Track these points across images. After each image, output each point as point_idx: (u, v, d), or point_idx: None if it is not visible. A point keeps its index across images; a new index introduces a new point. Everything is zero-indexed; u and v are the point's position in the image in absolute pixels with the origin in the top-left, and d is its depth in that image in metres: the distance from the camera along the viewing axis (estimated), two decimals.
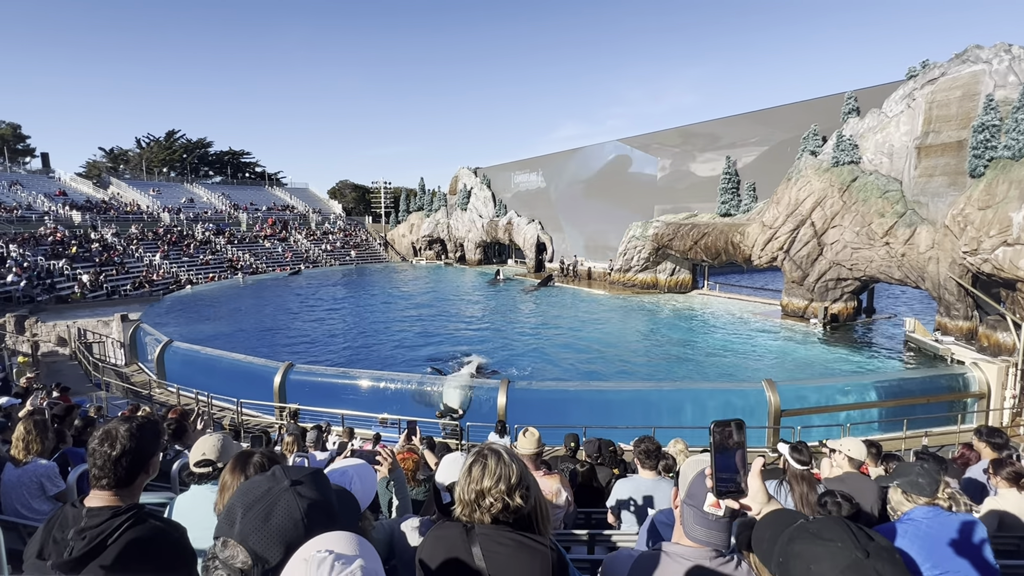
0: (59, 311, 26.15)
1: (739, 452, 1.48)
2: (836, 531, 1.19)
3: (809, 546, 1.19)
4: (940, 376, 13.74)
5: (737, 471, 1.48)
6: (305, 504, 1.25)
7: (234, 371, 15.11)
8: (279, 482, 1.28)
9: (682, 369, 18.26)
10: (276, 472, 1.33)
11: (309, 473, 1.36)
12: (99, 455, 1.87)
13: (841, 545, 1.15)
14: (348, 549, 1.15)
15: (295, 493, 1.25)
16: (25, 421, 4.13)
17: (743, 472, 1.48)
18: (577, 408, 12.56)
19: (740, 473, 1.48)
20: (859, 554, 1.13)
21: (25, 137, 66.32)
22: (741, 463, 1.48)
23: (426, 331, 24.57)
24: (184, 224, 48.34)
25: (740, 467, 1.48)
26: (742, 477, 1.48)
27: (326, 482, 1.39)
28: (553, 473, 4.54)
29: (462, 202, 52.75)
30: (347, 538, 1.20)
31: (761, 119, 28.49)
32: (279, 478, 1.30)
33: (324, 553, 1.08)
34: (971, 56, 18.68)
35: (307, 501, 1.25)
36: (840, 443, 4.33)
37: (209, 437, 3.07)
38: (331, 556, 1.07)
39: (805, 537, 1.22)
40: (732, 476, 1.48)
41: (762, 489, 1.48)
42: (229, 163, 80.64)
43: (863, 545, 1.15)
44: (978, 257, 16.51)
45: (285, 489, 1.26)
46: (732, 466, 1.48)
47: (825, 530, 1.21)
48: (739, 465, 1.48)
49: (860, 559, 1.12)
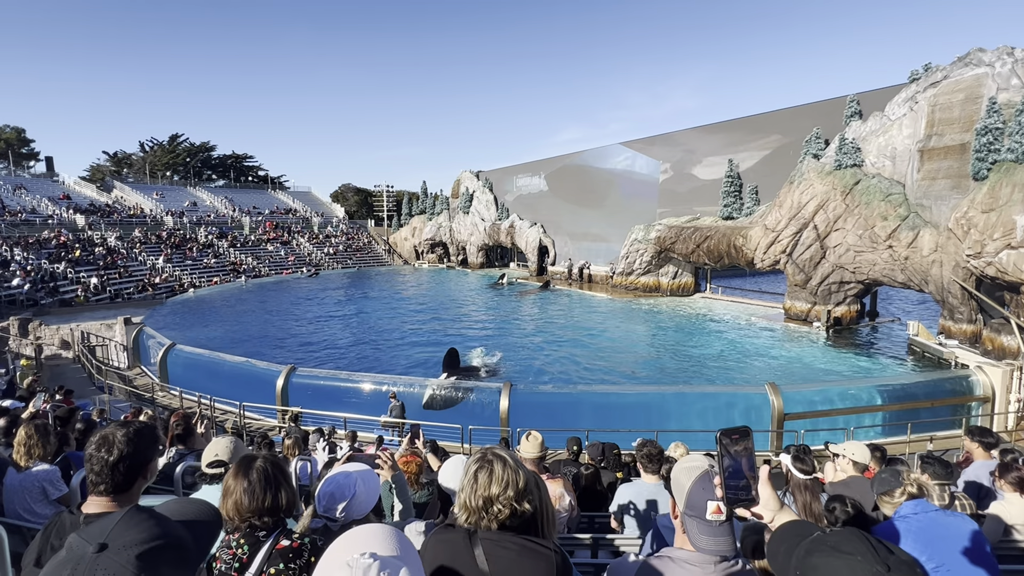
0: (62, 314, 26.23)
1: (746, 459, 1.47)
2: (855, 544, 1.16)
3: (828, 559, 1.16)
4: (944, 380, 13.67)
5: (746, 479, 1.47)
6: (131, 557, 1.03)
7: (237, 374, 15.11)
8: (81, 555, 1.04)
9: (685, 372, 18.21)
10: (72, 543, 1.08)
11: (118, 522, 1.12)
12: (97, 461, 1.86)
13: (861, 559, 1.12)
14: (389, 549, 1.11)
15: (111, 555, 1.03)
16: (26, 426, 4.11)
17: (753, 480, 1.47)
18: (580, 411, 12.52)
19: (750, 481, 1.47)
20: (880, 568, 1.10)
21: (29, 141, 66.65)
22: (749, 470, 1.47)
23: (429, 334, 24.55)
24: (187, 228, 48.49)
25: (749, 474, 1.47)
26: (752, 485, 1.47)
27: (150, 518, 1.17)
28: (556, 477, 4.53)
29: (464, 205, 52.81)
30: (386, 534, 1.16)
31: (763, 122, 28.47)
32: (78, 550, 1.05)
33: (368, 559, 1.04)
34: (974, 59, 18.66)
35: (132, 553, 1.04)
36: (843, 447, 4.33)
37: (222, 439, 3.10)
38: (376, 563, 1.03)
39: (824, 550, 1.19)
40: (742, 484, 1.47)
41: (773, 496, 1.47)
42: (232, 167, 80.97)
43: (883, 559, 1.12)
44: (982, 260, 16.45)
45: (92, 559, 1.02)
46: (741, 474, 1.47)
47: (844, 543, 1.18)
48: (747, 473, 1.47)
49: (881, 573, 1.09)
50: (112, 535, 1.07)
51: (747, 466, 1.47)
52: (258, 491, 2.02)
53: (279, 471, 2.13)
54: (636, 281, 33.81)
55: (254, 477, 2.05)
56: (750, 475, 1.47)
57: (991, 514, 3.96)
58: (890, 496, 2.92)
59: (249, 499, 2.00)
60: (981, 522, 3.84)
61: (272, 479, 2.07)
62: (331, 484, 2.27)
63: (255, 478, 2.05)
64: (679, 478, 1.68)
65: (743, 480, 1.46)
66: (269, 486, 2.05)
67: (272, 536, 1.95)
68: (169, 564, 1.09)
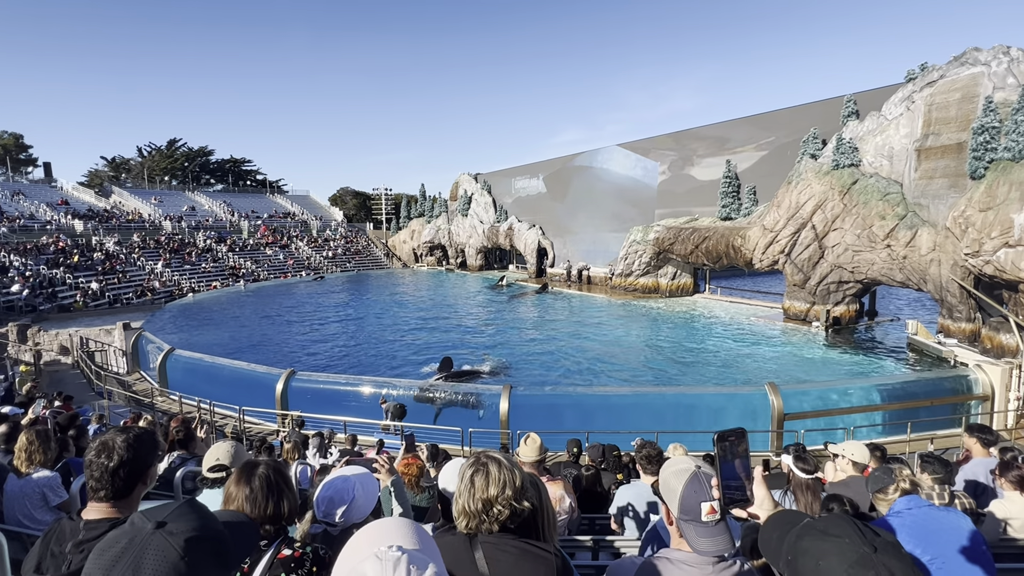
0: (61, 320, 26.20)
1: (740, 461, 1.50)
2: (843, 527, 1.21)
3: (817, 542, 1.21)
4: (944, 379, 13.68)
5: (741, 479, 1.49)
6: (180, 542, 1.11)
7: (236, 379, 15.09)
8: (141, 528, 1.14)
9: (684, 373, 18.21)
10: (135, 519, 1.18)
11: (176, 508, 1.22)
12: (96, 467, 1.85)
13: (848, 541, 1.17)
14: (414, 543, 1.11)
15: (164, 535, 1.12)
16: (27, 432, 4.10)
17: (747, 480, 1.49)
18: (580, 413, 12.50)
19: (745, 481, 1.49)
20: (866, 548, 1.14)
21: (27, 147, 66.70)
22: (744, 471, 1.49)
23: (428, 337, 24.54)
24: (185, 232, 48.47)
25: (744, 475, 1.49)
26: (747, 485, 1.49)
27: (202, 511, 1.25)
28: (556, 479, 4.52)
29: (463, 208, 52.84)
30: (410, 528, 1.16)
31: (761, 123, 28.54)
32: (139, 524, 1.15)
33: (396, 551, 1.04)
34: (969, 58, 18.72)
35: (182, 537, 1.12)
36: (843, 447, 4.34)
37: (223, 443, 3.09)
38: (405, 556, 1.03)
39: (812, 534, 1.24)
40: (738, 485, 1.49)
41: (768, 496, 1.50)
42: (230, 171, 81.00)
43: (870, 540, 1.16)
44: (980, 259, 16.48)
45: (150, 533, 1.12)
46: (736, 475, 1.49)
47: (832, 526, 1.23)
48: (742, 473, 1.49)
49: (868, 553, 1.13)
50: (170, 516, 1.17)
51: (742, 467, 1.49)
52: (260, 499, 1.99)
53: (282, 478, 2.10)
54: (635, 282, 33.82)
55: (256, 484, 2.02)
56: (745, 475, 1.49)
57: (991, 512, 3.96)
58: (884, 493, 2.97)
59: (251, 507, 1.97)
60: (981, 520, 3.84)
61: (275, 486, 2.04)
62: (330, 489, 2.25)
63: (257, 485, 2.01)
64: (669, 482, 1.66)
65: (738, 481, 1.49)
66: (271, 494, 2.01)
67: (273, 545, 1.91)
68: (211, 556, 1.15)
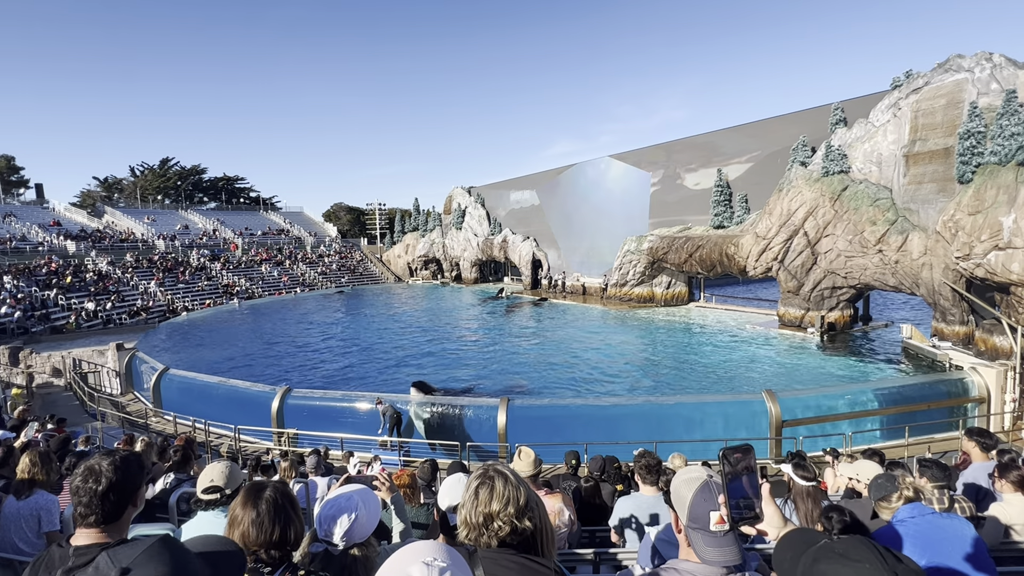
0: (54, 341, 25.96)
1: (747, 477, 1.48)
2: (863, 552, 1.15)
3: (835, 567, 1.15)
4: (939, 382, 13.73)
5: (750, 496, 1.47)
6: None
7: (231, 397, 14.97)
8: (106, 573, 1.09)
9: (682, 382, 18.19)
10: (100, 563, 1.13)
11: (145, 550, 1.16)
12: (85, 492, 1.79)
13: (869, 567, 1.11)
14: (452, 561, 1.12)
15: None
16: (30, 452, 4.10)
17: (756, 497, 1.47)
18: (578, 424, 12.46)
19: (753, 498, 1.47)
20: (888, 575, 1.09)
21: (19, 168, 66.61)
22: (751, 487, 1.48)
23: (425, 351, 24.45)
24: (179, 251, 48.32)
25: (751, 492, 1.47)
26: (756, 502, 1.47)
27: (175, 551, 1.20)
28: (555, 492, 4.49)
29: (457, 221, 52.96)
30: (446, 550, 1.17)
31: (750, 132, 28.85)
32: (103, 570, 1.10)
33: (442, 563, 1.04)
34: (953, 65, 19.04)
35: None
36: (856, 469, 4.21)
37: (217, 464, 3.06)
38: (449, 570, 1.03)
39: (831, 557, 1.18)
40: (746, 502, 1.47)
41: (777, 513, 1.48)
42: (223, 189, 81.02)
43: (892, 567, 1.11)
44: (971, 262, 16.62)
45: None
46: (744, 491, 1.47)
47: (852, 551, 1.17)
48: (750, 491, 1.47)
49: None
50: (137, 561, 1.11)
51: (750, 484, 1.47)
52: (267, 523, 1.92)
53: (289, 502, 2.04)
54: (630, 292, 33.89)
55: (263, 508, 1.95)
56: (752, 492, 1.47)
57: (991, 516, 3.94)
58: (887, 501, 2.96)
59: (257, 531, 1.91)
60: (981, 524, 3.83)
61: (282, 510, 1.97)
62: (332, 507, 2.21)
63: (264, 509, 1.95)
64: (680, 491, 1.65)
65: (747, 497, 1.47)
66: (279, 518, 1.95)
67: (278, 572, 1.87)
68: None
